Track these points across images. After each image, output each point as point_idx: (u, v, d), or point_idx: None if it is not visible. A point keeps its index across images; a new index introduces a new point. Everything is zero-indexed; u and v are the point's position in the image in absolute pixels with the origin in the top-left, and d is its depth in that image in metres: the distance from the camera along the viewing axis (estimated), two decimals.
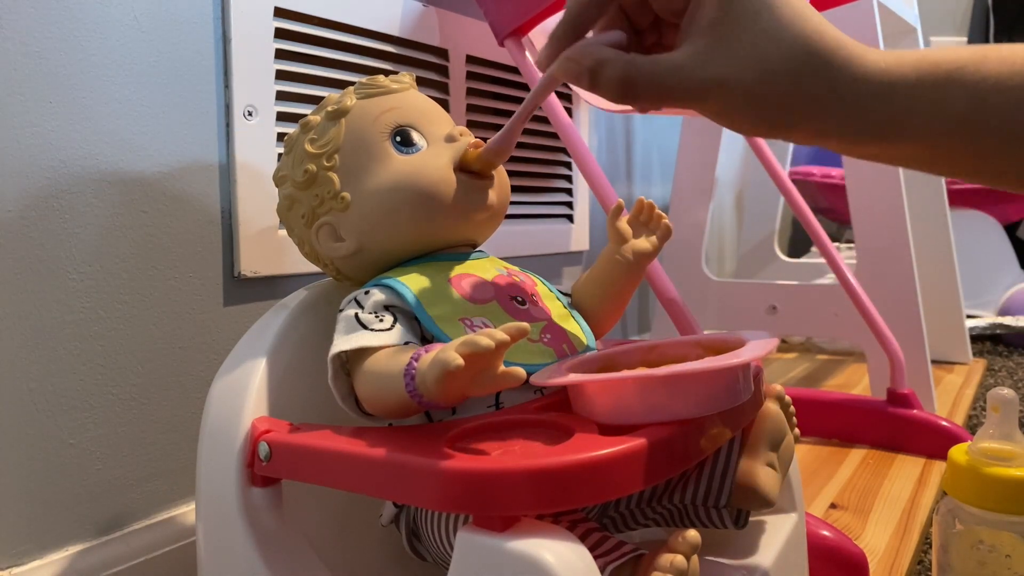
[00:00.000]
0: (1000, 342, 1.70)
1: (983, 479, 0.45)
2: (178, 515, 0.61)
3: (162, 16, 0.59)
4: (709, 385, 0.37)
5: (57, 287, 0.53)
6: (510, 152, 0.46)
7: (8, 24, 0.50)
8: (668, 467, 0.35)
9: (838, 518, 0.74)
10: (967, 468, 0.46)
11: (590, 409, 0.38)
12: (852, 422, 0.96)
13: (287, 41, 0.68)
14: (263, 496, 0.43)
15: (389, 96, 0.49)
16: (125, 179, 0.57)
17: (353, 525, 0.51)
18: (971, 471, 0.46)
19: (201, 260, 0.62)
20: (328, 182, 0.47)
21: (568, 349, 0.46)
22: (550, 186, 1.08)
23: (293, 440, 0.40)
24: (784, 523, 0.49)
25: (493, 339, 0.33)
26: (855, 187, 1.08)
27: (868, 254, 1.07)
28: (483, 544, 0.32)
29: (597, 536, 0.37)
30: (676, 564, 0.33)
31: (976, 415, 1.14)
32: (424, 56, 0.83)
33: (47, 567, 0.53)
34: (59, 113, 0.53)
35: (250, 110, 0.64)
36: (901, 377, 0.94)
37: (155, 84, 0.58)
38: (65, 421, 0.54)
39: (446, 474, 0.32)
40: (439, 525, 0.42)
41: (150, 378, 0.59)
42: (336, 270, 0.50)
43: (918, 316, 1.03)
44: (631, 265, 0.49)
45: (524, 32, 0.72)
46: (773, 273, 1.66)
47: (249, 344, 0.47)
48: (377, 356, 0.40)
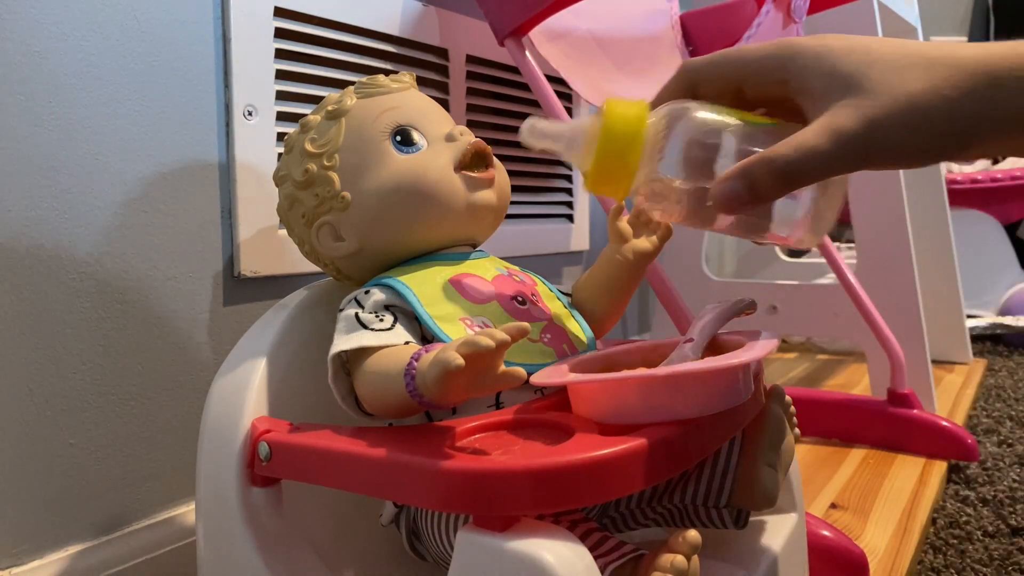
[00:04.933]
0: (1000, 342, 1.70)
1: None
2: (178, 515, 0.61)
3: (162, 16, 0.59)
4: (709, 385, 0.37)
5: (57, 287, 0.53)
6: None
7: (8, 24, 0.50)
8: (668, 467, 0.35)
9: (838, 518, 0.74)
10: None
11: (590, 409, 0.38)
12: (852, 422, 0.96)
13: (287, 41, 0.68)
14: (263, 496, 0.43)
15: (389, 96, 0.49)
16: (125, 179, 0.57)
17: (353, 525, 0.51)
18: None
19: (201, 260, 0.62)
20: (328, 182, 0.47)
21: (568, 349, 0.46)
22: (550, 186, 1.08)
23: (293, 440, 0.40)
24: (784, 523, 0.49)
25: (493, 339, 0.33)
26: (855, 187, 1.08)
27: (868, 254, 1.07)
28: (483, 544, 0.32)
29: (597, 536, 0.37)
30: (676, 564, 0.33)
31: (976, 415, 1.14)
32: (424, 56, 0.83)
33: (47, 567, 0.53)
34: (59, 113, 0.53)
35: (250, 110, 0.64)
36: (901, 377, 0.94)
37: (155, 84, 0.58)
38: (65, 421, 0.54)
39: (446, 474, 0.32)
40: (439, 525, 0.42)
41: (150, 378, 0.59)
42: (336, 270, 0.50)
43: (918, 316, 1.03)
44: (631, 265, 0.49)
45: (524, 32, 0.72)
46: (773, 273, 1.66)
47: (249, 344, 0.47)
48: (377, 356, 0.40)
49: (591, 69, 0.83)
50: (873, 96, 0.34)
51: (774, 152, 0.35)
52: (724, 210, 0.36)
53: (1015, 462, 0.92)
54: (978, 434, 1.03)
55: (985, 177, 1.78)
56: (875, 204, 1.06)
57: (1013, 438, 1.01)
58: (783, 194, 0.36)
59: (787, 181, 0.35)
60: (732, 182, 0.35)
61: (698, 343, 0.42)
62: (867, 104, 0.34)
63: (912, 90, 0.33)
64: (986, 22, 2.62)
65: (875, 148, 0.34)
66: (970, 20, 2.61)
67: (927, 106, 0.33)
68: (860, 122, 0.34)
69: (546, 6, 0.68)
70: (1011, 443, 0.99)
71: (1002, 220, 1.83)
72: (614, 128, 0.37)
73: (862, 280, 0.97)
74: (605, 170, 0.38)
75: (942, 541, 0.72)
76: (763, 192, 0.35)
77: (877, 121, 0.33)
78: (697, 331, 0.43)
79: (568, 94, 1.06)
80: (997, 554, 0.69)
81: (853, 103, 0.34)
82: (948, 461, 0.89)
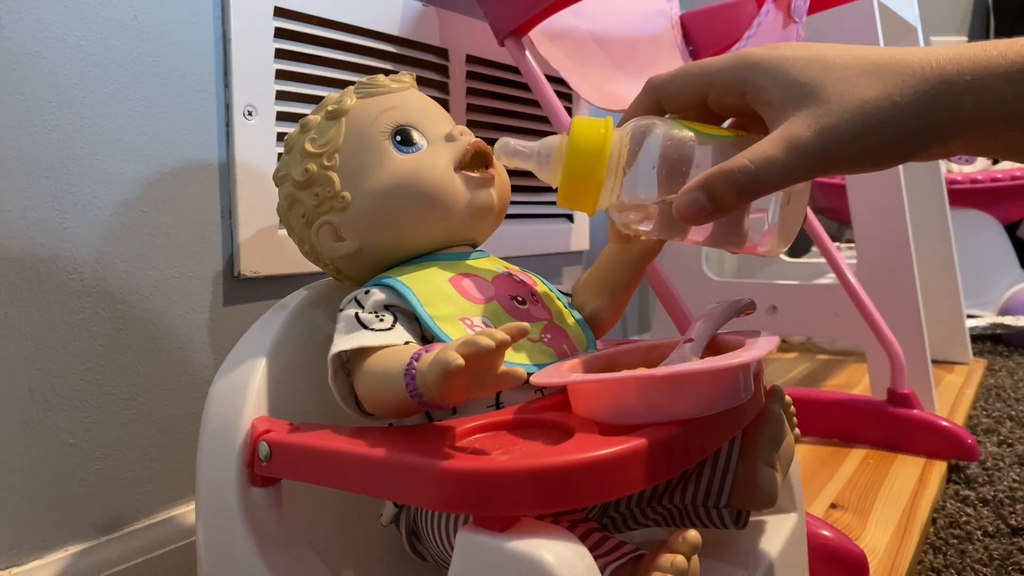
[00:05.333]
0: (1000, 342, 1.70)
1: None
2: (178, 515, 0.61)
3: (162, 16, 0.59)
4: (709, 385, 0.37)
5: (57, 287, 0.53)
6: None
7: (8, 24, 0.50)
8: (668, 467, 0.35)
9: (838, 518, 0.74)
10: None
11: (590, 409, 0.38)
12: (852, 422, 0.96)
13: (287, 41, 0.68)
14: (263, 496, 0.43)
15: (389, 95, 0.49)
16: (125, 179, 0.57)
17: (353, 525, 0.51)
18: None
19: (201, 260, 0.62)
20: (328, 182, 0.47)
21: (568, 349, 0.46)
22: (550, 186, 1.08)
23: (293, 440, 0.40)
24: (784, 523, 0.49)
25: (494, 339, 0.33)
26: (855, 187, 1.08)
27: (868, 254, 1.07)
28: (483, 544, 0.32)
29: (597, 536, 0.37)
30: (676, 564, 0.33)
31: (976, 415, 1.14)
32: (424, 56, 0.83)
33: (47, 567, 0.53)
34: (59, 113, 0.53)
35: (250, 110, 0.64)
36: (901, 377, 0.94)
37: (155, 84, 0.58)
38: (65, 421, 0.54)
39: (446, 474, 0.32)
40: (439, 525, 0.42)
41: (150, 378, 0.59)
42: (336, 270, 0.50)
43: (918, 316, 1.03)
44: (632, 265, 0.49)
45: (524, 32, 0.72)
46: (773, 273, 1.66)
47: (249, 344, 0.47)
48: (377, 356, 0.40)
49: (591, 69, 0.83)
50: (828, 105, 0.35)
51: (732, 164, 0.36)
52: (688, 221, 0.37)
53: (1015, 462, 0.92)
54: (978, 434, 1.03)
55: (985, 177, 1.78)
56: (875, 204, 1.06)
57: (1013, 438, 1.01)
58: (743, 205, 0.37)
59: (746, 191, 0.36)
60: (693, 194, 0.36)
61: (698, 343, 0.42)
62: (821, 113, 0.35)
63: (865, 97, 0.34)
64: (986, 22, 2.62)
65: (830, 156, 0.35)
66: (970, 20, 2.61)
67: (878, 112, 0.34)
68: (815, 131, 0.35)
69: (546, 6, 0.68)
70: (1011, 443, 0.99)
71: (1002, 220, 1.83)
72: (579, 145, 0.39)
73: (862, 280, 0.97)
74: (573, 186, 0.40)
75: (942, 541, 0.72)
76: (723, 203, 0.36)
77: (831, 129, 0.34)
78: (697, 331, 0.43)
79: (568, 94, 1.06)
80: (997, 554, 0.69)
81: (808, 112, 0.35)
82: (948, 461, 0.89)
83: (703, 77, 0.39)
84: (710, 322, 0.44)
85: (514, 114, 0.98)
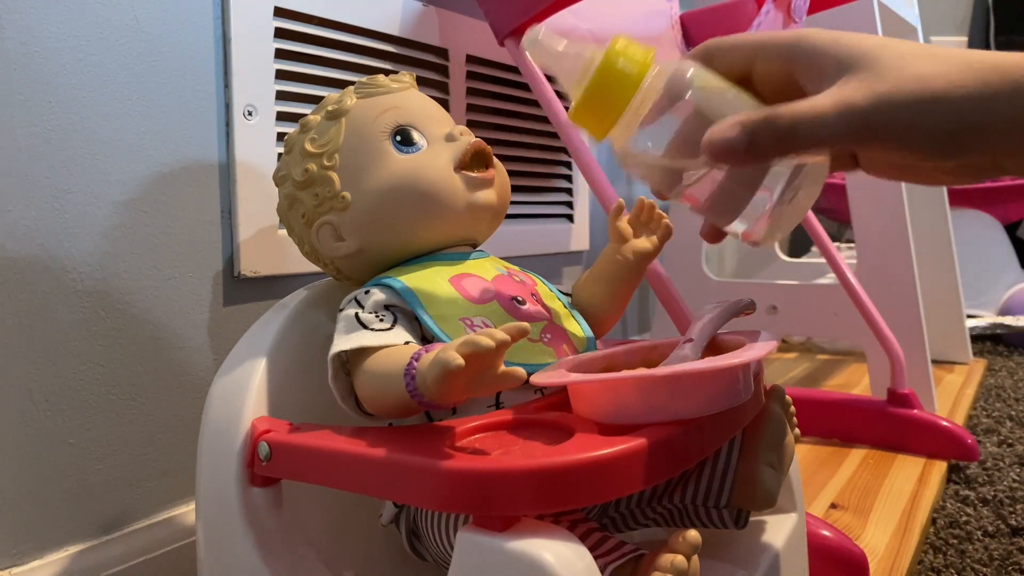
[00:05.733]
0: (1000, 342, 1.70)
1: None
2: (178, 515, 0.61)
3: (162, 16, 0.59)
4: (709, 385, 0.37)
5: (57, 287, 0.53)
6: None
7: (8, 24, 0.50)
8: (668, 467, 0.35)
9: (838, 518, 0.74)
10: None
11: (590, 409, 0.38)
12: (852, 422, 0.96)
13: (287, 41, 0.68)
14: (263, 496, 0.43)
15: (389, 95, 0.49)
16: (125, 179, 0.57)
17: (353, 525, 0.51)
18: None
19: (201, 260, 0.62)
20: (328, 182, 0.47)
21: (568, 349, 0.46)
22: (550, 186, 1.08)
23: (293, 440, 0.40)
24: (784, 523, 0.49)
25: (493, 339, 0.33)
26: (855, 187, 1.08)
27: (868, 254, 1.07)
28: (483, 544, 0.32)
29: (597, 536, 0.37)
30: (676, 564, 0.33)
31: (976, 415, 1.14)
32: (424, 56, 0.83)
33: (47, 567, 0.53)
34: (59, 113, 0.53)
35: (250, 110, 0.64)
36: (901, 377, 0.94)
37: (155, 84, 0.58)
38: (65, 421, 0.54)
39: (446, 474, 0.32)
40: (439, 525, 0.42)
41: (150, 378, 0.59)
42: (336, 269, 0.50)
43: (918, 316, 1.03)
44: (632, 265, 0.49)
45: (524, 31, 0.72)
46: (773, 273, 1.66)
47: (249, 344, 0.47)
48: (377, 356, 0.40)
49: None
50: (884, 73, 0.33)
51: (778, 110, 0.34)
52: (714, 157, 0.35)
53: (1015, 462, 0.92)
54: (978, 434, 1.03)
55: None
56: (875, 204, 1.06)
57: (1013, 438, 1.01)
58: (778, 155, 0.35)
59: (787, 141, 0.34)
60: (731, 132, 0.34)
61: (698, 343, 0.42)
62: (876, 79, 0.33)
63: (923, 73, 0.33)
64: (986, 22, 2.62)
65: (880, 125, 0.33)
66: (970, 20, 2.61)
67: (936, 90, 0.32)
68: (868, 95, 0.33)
69: (546, 6, 0.68)
70: (1011, 443, 0.99)
71: (1002, 220, 1.83)
72: (614, 64, 0.36)
73: (862, 280, 0.97)
74: (593, 103, 0.37)
75: (942, 541, 0.72)
76: (760, 148, 0.34)
77: (885, 95, 0.33)
78: (697, 331, 0.43)
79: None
80: (997, 554, 0.69)
81: (862, 77, 0.33)
82: (948, 461, 0.89)
83: (756, 43, 0.38)
84: (710, 322, 0.44)
85: (514, 114, 0.98)
